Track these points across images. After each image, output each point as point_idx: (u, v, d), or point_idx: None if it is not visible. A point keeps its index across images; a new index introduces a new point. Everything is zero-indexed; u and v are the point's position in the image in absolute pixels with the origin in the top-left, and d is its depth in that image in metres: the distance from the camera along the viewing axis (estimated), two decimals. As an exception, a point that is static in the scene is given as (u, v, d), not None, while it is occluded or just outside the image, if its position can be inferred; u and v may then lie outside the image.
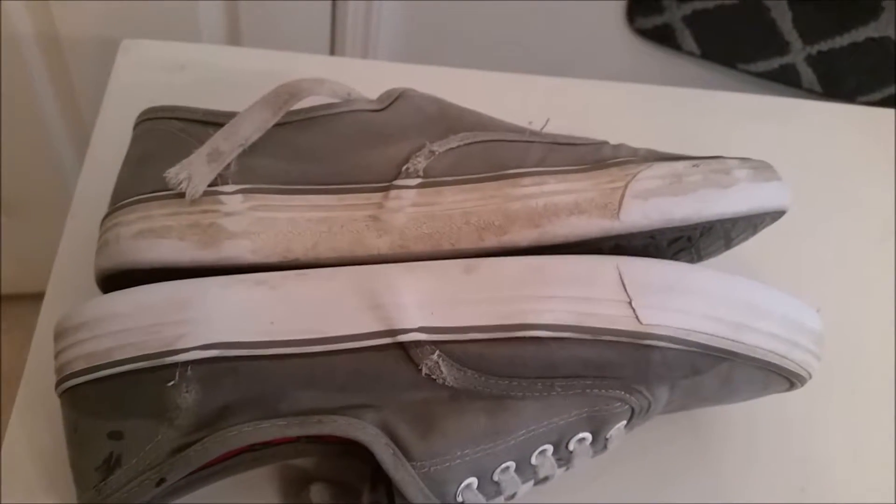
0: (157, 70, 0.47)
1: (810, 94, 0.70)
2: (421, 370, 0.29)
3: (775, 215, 0.36)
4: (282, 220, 0.31)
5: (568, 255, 0.31)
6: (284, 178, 0.32)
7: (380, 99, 0.36)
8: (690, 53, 0.72)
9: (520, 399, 0.30)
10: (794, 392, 0.35)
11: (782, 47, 0.69)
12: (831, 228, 0.47)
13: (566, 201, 0.32)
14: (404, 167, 0.33)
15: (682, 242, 0.35)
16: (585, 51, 0.73)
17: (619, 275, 0.30)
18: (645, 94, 0.51)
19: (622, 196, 0.32)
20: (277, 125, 0.34)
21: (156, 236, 0.31)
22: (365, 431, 0.28)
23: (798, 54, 0.69)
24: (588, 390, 0.30)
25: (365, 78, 0.42)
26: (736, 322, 0.31)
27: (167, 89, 0.46)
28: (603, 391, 0.30)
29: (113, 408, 0.29)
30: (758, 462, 0.38)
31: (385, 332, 0.29)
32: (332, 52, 0.67)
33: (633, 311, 0.29)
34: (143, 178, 0.33)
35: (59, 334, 0.30)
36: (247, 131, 0.33)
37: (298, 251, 0.31)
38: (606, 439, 0.32)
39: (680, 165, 0.33)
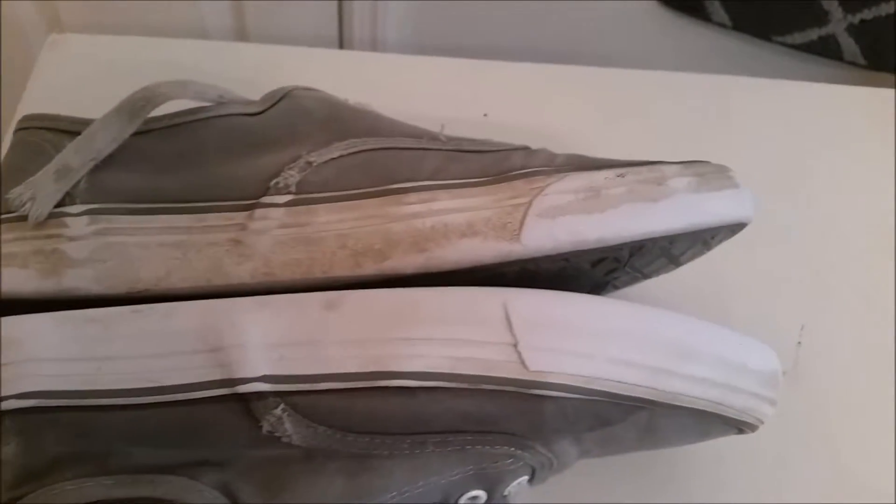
0: (83, 66, 0.44)
1: (853, 66, 0.63)
2: (262, 427, 0.25)
3: (734, 228, 0.30)
4: (131, 245, 0.28)
5: (448, 288, 0.26)
6: (137, 195, 0.28)
7: (262, 100, 0.32)
8: (721, 25, 0.65)
9: (386, 458, 0.25)
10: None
11: (820, 17, 0.62)
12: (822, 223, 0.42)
13: (458, 221, 0.27)
14: (273, 181, 0.28)
15: (610, 263, 0.30)
16: (609, 20, 0.67)
17: (506, 312, 0.25)
18: (647, 80, 0.48)
19: (524, 215, 0.27)
20: (138, 134, 0.30)
21: None
22: (202, 495, 0.25)
23: (838, 24, 0.62)
24: (468, 447, 0.26)
25: (364, 70, 0.37)
26: (653, 366, 0.26)
27: (90, 90, 0.43)
28: (487, 447, 0.26)
29: None
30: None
31: (223, 381, 0.25)
32: (341, 43, 0.62)
33: (519, 354, 0.25)
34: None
35: None
36: (100, 143, 0.29)
37: (149, 281, 0.27)
38: (505, 496, 0.27)
39: (601, 176, 0.28)
